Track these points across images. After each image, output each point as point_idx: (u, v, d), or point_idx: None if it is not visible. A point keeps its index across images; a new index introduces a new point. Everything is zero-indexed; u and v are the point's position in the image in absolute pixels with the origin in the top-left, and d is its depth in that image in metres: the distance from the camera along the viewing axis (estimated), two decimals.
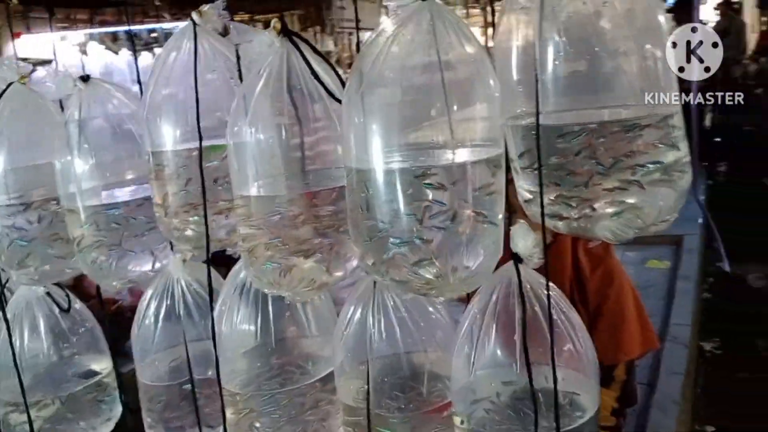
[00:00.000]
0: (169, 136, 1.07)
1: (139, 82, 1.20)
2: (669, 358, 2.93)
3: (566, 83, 0.79)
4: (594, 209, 0.81)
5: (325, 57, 0.98)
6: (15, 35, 3.99)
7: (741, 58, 8.20)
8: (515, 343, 0.90)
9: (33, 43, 3.69)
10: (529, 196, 0.85)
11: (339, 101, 0.92)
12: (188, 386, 1.18)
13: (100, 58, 6.34)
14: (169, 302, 1.19)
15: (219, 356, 1.10)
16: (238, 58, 1.06)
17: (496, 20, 0.89)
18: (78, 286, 2.97)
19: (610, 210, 0.79)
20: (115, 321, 1.91)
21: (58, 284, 1.36)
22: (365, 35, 1.01)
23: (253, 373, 1.13)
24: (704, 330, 4.36)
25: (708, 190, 6.12)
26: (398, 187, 0.82)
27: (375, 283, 1.01)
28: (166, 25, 8.23)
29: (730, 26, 9.10)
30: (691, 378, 2.87)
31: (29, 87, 1.27)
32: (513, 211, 0.91)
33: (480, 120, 0.86)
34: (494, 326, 0.92)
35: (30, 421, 1.24)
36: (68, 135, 1.16)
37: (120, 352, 1.42)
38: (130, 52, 7.17)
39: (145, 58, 7.44)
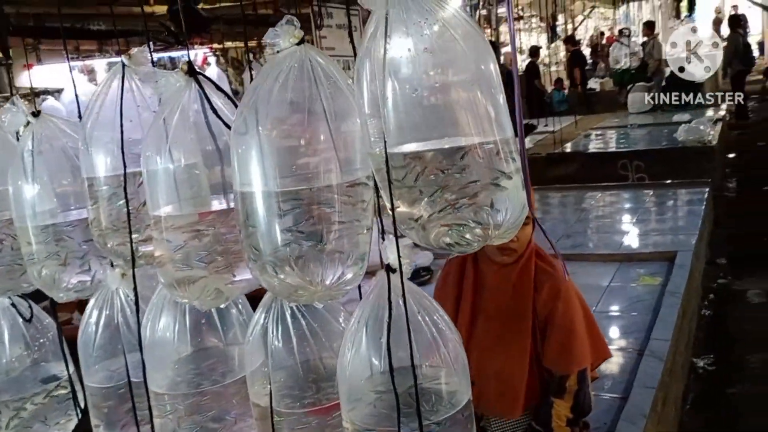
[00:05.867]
0: (101, 164, 1.21)
1: None
2: (644, 372, 2.98)
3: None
4: (441, 220, 0.91)
5: (225, 92, 1.11)
6: (28, 66, 4.21)
7: None
8: (391, 345, 1.01)
9: (43, 74, 3.94)
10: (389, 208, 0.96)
11: None
12: (126, 389, 1.31)
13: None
14: (108, 312, 1.32)
15: (151, 361, 1.23)
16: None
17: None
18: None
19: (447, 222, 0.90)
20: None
21: (23, 296, 1.51)
22: None
23: (178, 376, 1.25)
24: (699, 346, 4.40)
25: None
26: (271, 207, 0.94)
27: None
28: (174, 53, 8.55)
29: None
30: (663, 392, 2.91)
31: None
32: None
33: (347, 148, 0.98)
34: (369, 331, 1.03)
35: None
36: (23, 163, 1.31)
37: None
38: None
39: None
